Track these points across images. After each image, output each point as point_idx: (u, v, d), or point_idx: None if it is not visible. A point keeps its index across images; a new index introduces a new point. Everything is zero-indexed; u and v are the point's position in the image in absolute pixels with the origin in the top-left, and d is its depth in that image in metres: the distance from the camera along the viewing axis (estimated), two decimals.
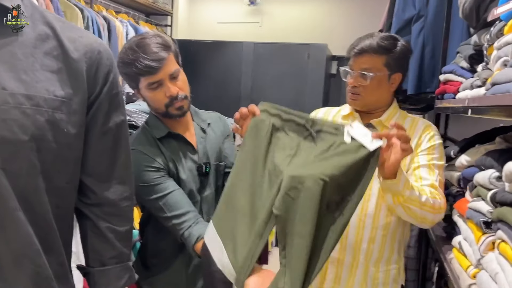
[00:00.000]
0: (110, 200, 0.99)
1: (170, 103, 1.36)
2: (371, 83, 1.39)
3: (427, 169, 1.33)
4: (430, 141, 1.38)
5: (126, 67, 1.33)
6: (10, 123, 0.79)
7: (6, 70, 0.80)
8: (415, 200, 1.18)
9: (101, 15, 3.55)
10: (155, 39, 1.34)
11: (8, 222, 0.80)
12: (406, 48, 1.42)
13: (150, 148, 1.38)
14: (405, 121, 1.45)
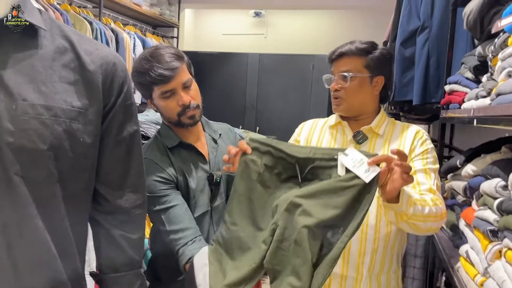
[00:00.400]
0: (123, 208, 1.01)
1: (182, 112, 1.39)
2: (352, 84, 1.39)
3: (423, 174, 1.34)
4: (423, 146, 1.39)
5: (140, 77, 1.37)
6: (30, 133, 0.81)
7: (27, 82, 0.83)
8: (419, 215, 1.18)
9: (109, 28, 3.61)
10: (168, 49, 1.38)
11: (26, 229, 0.83)
12: (386, 52, 1.43)
13: (161, 157, 1.41)
14: (395, 127, 1.45)
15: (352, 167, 1.02)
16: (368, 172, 1.00)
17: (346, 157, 1.04)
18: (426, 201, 1.23)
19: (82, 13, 3.37)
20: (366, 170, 1.00)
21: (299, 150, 1.12)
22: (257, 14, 5.92)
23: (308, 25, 5.80)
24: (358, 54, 1.39)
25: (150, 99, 1.44)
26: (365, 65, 1.39)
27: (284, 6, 5.20)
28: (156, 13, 4.48)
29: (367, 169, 1.00)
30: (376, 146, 1.42)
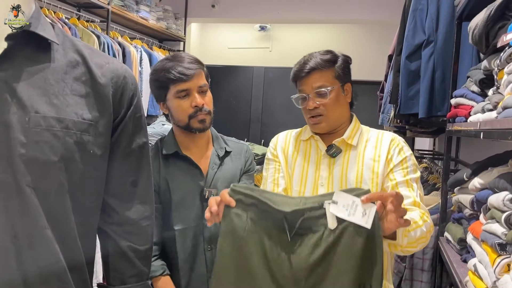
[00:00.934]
0: (131, 219, 1.02)
1: (194, 114, 1.43)
2: (330, 99, 1.34)
3: (405, 187, 1.30)
4: (401, 154, 1.34)
5: (159, 74, 1.42)
6: (42, 145, 0.83)
7: (39, 95, 0.85)
8: (412, 242, 1.16)
9: (116, 41, 3.66)
10: (189, 55, 1.48)
11: (37, 240, 0.84)
12: (346, 57, 1.40)
13: (152, 163, 1.36)
14: (370, 136, 1.39)
15: (347, 215, 0.91)
16: (366, 215, 0.90)
17: (337, 205, 0.92)
18: (416, 222, 1.18)
19: (90, 27, 3.42)
20: (363, 214, 0.90)
21: (287, 201, 0.99)
22: (262, 28, 5.98)
23: (312, 39, 5.85)
24: (326, 67, 1.35)
25: (163, 101, 1.47)
26: (335, 75, 1.35)
27: (288, 20, 5.25)
28: (163, 27, 4.54)
29: (363, 211, 0.90)
30: (350, 158, 1.36)
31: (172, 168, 1.44)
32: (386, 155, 1.34)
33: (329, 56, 1.37)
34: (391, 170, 1.33)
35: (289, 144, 1.46)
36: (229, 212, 0.99)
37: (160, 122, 3.06)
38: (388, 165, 1.33)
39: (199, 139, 1.50)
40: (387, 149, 1.35)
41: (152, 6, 4.34)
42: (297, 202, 0.99)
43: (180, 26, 5.00)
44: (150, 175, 1.05)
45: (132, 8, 3.98)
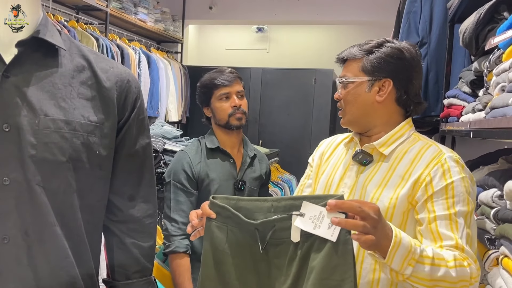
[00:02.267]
0: (135, 217, 1.06)
1: (233, 112, 1.75)
2: (347, 92, 1.18)
3: (447, 222, 1.01)
4: (445, 178, 1.04)
5: (205, 82, 1.79)
6: (51, 146, 0.87)
7: (48, 98, 0.89)
8: (423, 278, 0.92)
9: (115, 43, 3.69)
10: (229, 69, 1.82)
11: (47, 236, 0.88)
12: (394, 50, 1.14)
13: (195, 153, 1.76)
14: (413, 147, 1.15)
15: (312, 228, 0.85)
16: (332, 226, 0.83)
17: (303, 218, 0.86)
18: (443, 259, 0.94)
19: (88, 30, 3.46)
20: (329, 225, 0.83)
21: (260, 207, 0.93)
22: (259, 29, 6.02)
23: (309, 40, 5.89)
24: (356, 56, 1.18)
25: (207, 106, 1.80)
26: (361, 67, 1.16)
27: (286, 22, 5.29)
28: (161, 29, 4.58)
29: (329, 223, 0.83)
30: (379, 170, 1.14)
31: (212, 160, 1.75)
32: (420, 175, 1.07)
33: (371, 45, 1.17)
34: (430, 197, 1.05)
35: (331, 146, 1.32)
36: (211, 224, 0.97)
37: (160, 124, 3.10)
38: (426, 191, 1.05)
39: (235, 138, 1.81)
40: (424, 168, 1.08)
41: (150, 8, 4.38)
42: (268, 207, 0.93)
43: (178, 28, 5.04)
44: (153, 175, 1.09)
45: (130, 10, 4.01)
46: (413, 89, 1.17)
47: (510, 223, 1.09)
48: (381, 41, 1.18)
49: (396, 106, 1.18)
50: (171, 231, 1.67)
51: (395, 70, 1.15)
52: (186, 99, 4.81)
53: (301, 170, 1.43)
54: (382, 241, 0.87)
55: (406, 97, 1.16)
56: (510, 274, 1.03)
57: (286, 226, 0.90)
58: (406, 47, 1.17)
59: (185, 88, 4.78)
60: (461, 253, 0.98)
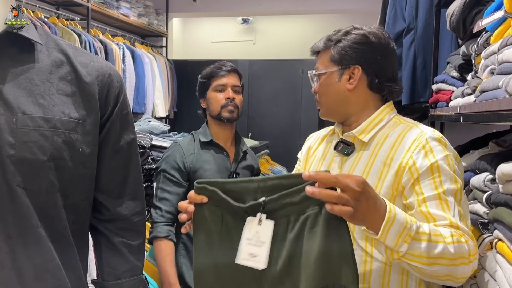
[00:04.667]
0: (122, 215, 1.03)
1: (225, 104, 1.78)
2: (320, 84, 1.18)
3: (437, 202, 0.99)
4: (428, 157, 1.03)
5: (205, 72, 1.83)
6: (30, 145, 0.84)
7: (25, 95, 0.85)
8: (420, 255, 0.88)
9: (98, 39, 3.63)
10: (229, 63, 1.86)
11: (30, 239, 0.85)
12: (361, 36, 1.14)
13: (188, 145, 1.80)
14: (393, 131, 1.13)
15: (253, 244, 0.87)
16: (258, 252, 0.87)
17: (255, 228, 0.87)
18: (441, 235, 0.92)
19: (70, 26, 3.39)
20: (250, 255, 0.87)
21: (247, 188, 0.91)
22: (245, 21, 5.97)
23: (296, 30, 5.86)
24: (326, 48, 1.18)
25: (203, 97, 1.84)
26: (330, 58, 1.16)
27: (271, 13, 5.25)
28: (144, 23, 4.51)
29: (251, 253, 0.87)
30: (361, 159, 1.12)
31: (205, 153, 1.79)
32: (402, 159, 1.05)
33: (337, 35, 1.17)
34: (417, 180, 1.02)
35: (318, 140, 1.30)
36: (203, 210, 0.93)
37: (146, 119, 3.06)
38: (411, 175, 1.03)
39: (229, 132, 1.84)
40: (406, 151, 1.06)
41: (133, 2, 4.30)
42: (255, 188, 0.90)
43: (162, 22, 4.97)
44: (139, 171, 1.06)
45: (112, 5, 3.94)
46: (384, 72, 1.15)
47: (503, 207, 1.08)
48: (349, 29, 1.18)
49: (370, 92, 1.17)
50: (154, 218, 1.72)
51: (362, 56, 1.14)
52: (173, 93, 4.75)
53: (291, 161, 1.42)
54: (369, 216, 0.84)
55: (377, 81, 1.15)
56: (505, 258, 1.03)
57: (275, 207, 0.88)
58: (373, 32, 1.16)
59: (171, 82, 4.73)
60: (456, 230, 0.95)
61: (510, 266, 1.00)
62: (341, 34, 1.17)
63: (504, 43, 1.07)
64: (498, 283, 1.03)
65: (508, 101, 0.93)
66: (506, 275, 0.99)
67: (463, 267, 0.92)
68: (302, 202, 0.86)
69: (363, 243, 1.08)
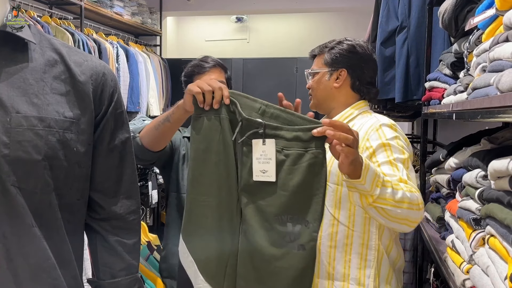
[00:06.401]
0: (117, 214, 1.03)
1: None
2: (313, 81, 1.47)
3: (389, 166, 1.22)
4: (380, 137, 1.28)
5: (186, 70, 1.74)
6: (25, 144, 0.83)
7: (19, 95, 0.85)
8: (388, 199, 1.08)
9: (92, 38, 3.61)
10: (211, 58, 1.74)
11: (25, 238, 0.85)
12: (349, 46, 1.43)
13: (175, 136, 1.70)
14: (356, 123, 1.39)
15: (255, 158, 1.01)
16: (267, 172, 1.02)
17: (256, 147, 1.00)
18: (398, 184, 1.13)
19: (63, 25, 3.37)
20: (263, 171, 1.01)
21: (247, 103, 1.06)
22: (239, 19, 5.97)
23: (289, 29, 5.87)
24: (320, 53, 1.48)
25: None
26: (324, 61, 1.46)
27: (264, 11, 5.25)
28: (138, 22, 4.50)
29: (262, 170, 1.01)
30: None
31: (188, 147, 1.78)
32: (361, 142, 1.28)
33: (329, 44, 1.47)
34: (373, 153, 1.27)
35: None
36: (201, 118, 1.06)
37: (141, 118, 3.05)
38: (369, 152, 1.28)
39: None
40: (363, 137, 1.31)
41: (126, 1, 4.29)
42: (257, 108, 1.05)
43: (156, 21, 4.96)
44: (134, 170, 1.06)
45: (106, 3, 3.92)
46: (365, 77, 1.46)
47: (495, 203, 1.09)
48: (341, 40, 1.48)
49: (351, 92, 1.46)
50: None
51: (349, 62, 1.44)
52: (167, 92, 4.74)
53: None
54: (357, 161, 1.02)
55: (358, 83, 1.45)
56: (497, 253, 1.04)
57: (269, 134, 1.00)
58: (360, 44, 1.47)
59: (165, 81, 4.72)
60: (406, 184, 1.16)
61: (502, 261, 1.01)
62: (334, 43, 1.46)
63: (495, 40, 1.08)
64: (491, 278, 1.04)
65: (499, 98, 0.94)
66: (498, 270, 1.00)
67: (416, 212, 1.14)
68: (292, 140, 0.99)
69: (332, 209, 1.34)
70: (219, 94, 1.08)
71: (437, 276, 1.80)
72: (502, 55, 1.00)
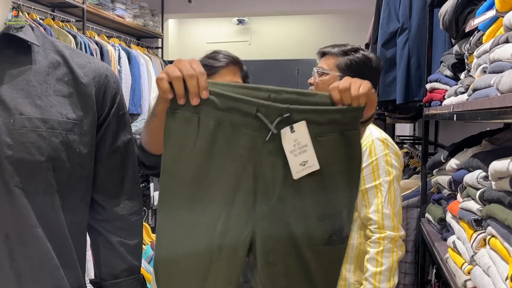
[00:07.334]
0: (120, 215, 1.03)
1: None
2: (320, 80, 1.46)
3: (374, 191, 1.37)
4: (371, 156, 1.38)
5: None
6: (28, 146, 0.84)
7: (22, 97, 0.86)
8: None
9: (94, 41, 3.63)
10: (226, 52, 1.42)
11: (28, 239, 0.85)
12: (365, 57, 1.46)
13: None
14: None
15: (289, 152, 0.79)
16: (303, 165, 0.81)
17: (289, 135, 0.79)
18: (380, 274, 1.33)
19: (65, 27, 3.39)
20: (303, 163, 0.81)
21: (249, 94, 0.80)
22: (240, 21, 5.98)
23: (291, 31, 5.88)
24: (335, 54, 1.47)
25: None
26: (337, 64, 1.45)
27: (266, 13, 5.26)
28: (140, 24, 4.51)
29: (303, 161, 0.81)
30: None
31: None
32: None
33: (347, 48, 1.47)
34: (362, 171, 1.35)
35: None
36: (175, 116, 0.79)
37: (143, 120, 3.06)
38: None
39: None
40: None
41: (128, 4, 4.31)
42: (265, 97, 0.80)
43: (157, 23, 4.98)
44: (136, 171, 1.07)
45: (108, 6, 3.94)
46: None
47: (496, 203, 1.09)
48: (357, 48, 1.49)
49: None
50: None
51: (361, 72, 1.40)
52: None
53: None
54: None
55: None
56: (498, 254, 1.04)
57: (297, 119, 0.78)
58: (374, 58, 1.51)
59: None
60: (381, 233, 1.35)
61: (503, 262, 1.01)
62: (350, 49, 1.47)
63: (495, 42, 1.09)
64: (492, 278, 1.05)
65: (500, 99, 0.94)
66: (499, 271, 1.00)
67: (396, 256, 1.36)
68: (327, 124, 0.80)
69: None
70: (192, 84, 0.79)
71: (438, 277, 1.80)
72: (502, 56, 1.01)
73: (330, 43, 1.54)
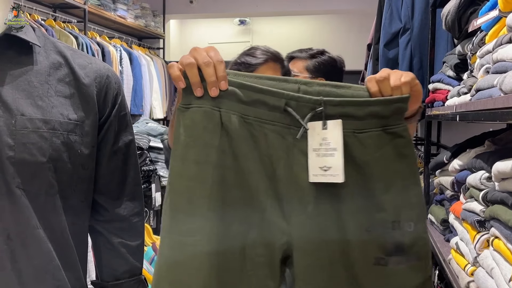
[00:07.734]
0: (121, 216, 1.03)
1: None
2: None
3: None
4: None
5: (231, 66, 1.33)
6: (30, 146, 0.84)
7: (24, 97, 0.86)
8: None
9: (95, 41, 3.63)
10: (265, 48, 1.30)
11: (30, 240, 0.85)
12: (331, 59, 1.56)
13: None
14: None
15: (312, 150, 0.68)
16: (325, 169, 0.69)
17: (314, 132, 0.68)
18: None
19: (67, 28, 3.39)
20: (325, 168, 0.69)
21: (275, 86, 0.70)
22: (242, 22, 5.98)
23: (293, 31, 5.87)
24: (303, 58, 1.57)
25: None
26: (305, 66, 1.55)
27: (268, 13, 5.26)
28: (141, 25, 4.51)
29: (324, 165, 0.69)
30: None
31: None
32: None
33: (314, 52, 1.57)
34: None
35: None
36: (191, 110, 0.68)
37: (144, 121, 3.07)
38: None
39: None
40: None
41: (129, 4, 4.31)
42: (294, 90, 0.69)
43: (159, 23, 4.98)
44: (137, 172, 1.06)
45: (109, 7, 3.94)
46: None
47: (499, 204, 1.09)
48: (322, 50, 1.60)
49: None
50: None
51: (328, 72, 1.55)
52: (170, 95, 4.76)
53: None
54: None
55: None
56: (501, 255, 1.04)
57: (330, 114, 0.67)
58: (338, 59, 1.62)
59: (169, 84, 4.73)
60: None
61: (506, 263, 1.01)
62: (317, 53, 1.58)
63: (498, 42, 1.08)
64: (495, 280, 1.04)
65: (503, 99, 0.94)
66: (502, 272, 1.00)
67: None
68: (367, 118, 0.69)
69: None
70: (208, 73, 0.69)
71: (441, 279, 1.79)
72: (505, 56, 1.00)
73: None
